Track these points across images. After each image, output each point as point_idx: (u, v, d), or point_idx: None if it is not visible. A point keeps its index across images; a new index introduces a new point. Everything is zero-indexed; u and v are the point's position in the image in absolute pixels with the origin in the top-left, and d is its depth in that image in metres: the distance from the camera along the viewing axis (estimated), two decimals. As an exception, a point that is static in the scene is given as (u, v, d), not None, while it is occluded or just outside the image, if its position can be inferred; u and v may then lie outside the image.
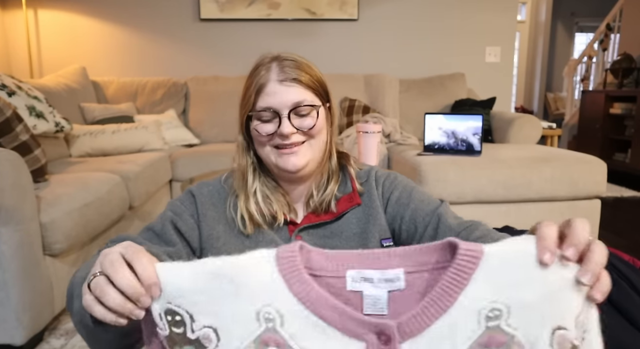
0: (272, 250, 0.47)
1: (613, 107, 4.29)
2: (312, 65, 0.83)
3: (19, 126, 1.68)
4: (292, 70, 0.79)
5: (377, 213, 0.84)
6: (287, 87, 0.78)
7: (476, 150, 2.28)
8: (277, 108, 0.78)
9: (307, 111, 0.79)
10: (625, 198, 3.53)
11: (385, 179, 0.88)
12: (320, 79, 0.83)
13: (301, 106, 0.78)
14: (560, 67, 6.77)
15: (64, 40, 3.26)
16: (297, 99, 0.78)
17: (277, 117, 0.78)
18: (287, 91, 0.78)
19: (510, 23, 3.53)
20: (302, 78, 0.79)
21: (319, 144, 0.82)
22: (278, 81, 0.78)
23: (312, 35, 3.42)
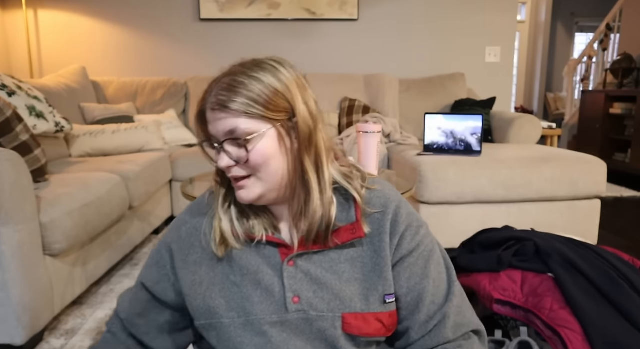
0: None
1: (613, 107, 4.29)
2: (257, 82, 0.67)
3: (19, 126, 1.69)
4: (224, 94, 0.67)
5: (385, 264, 0.73)
6: (218, 115, 0.67)
7: (475, 150, 2.28)
8: (215, 138, 0.69)
9: (244, 140, 0.67)
10: (625, 198, 3.53)
11: (406, 229, 0.73)
12: (270, 94, 0.67)
13: (233, 138, 0.67)
14: (560, 67, 6.77)
15: (63, 40, 3.27)
16: (227, 129, 0.67)
17: (218, 150, 0.70)
18: (219, 120, 0.68)
19: (510, 23, 3.53)
20: (232, 104, 0.66)
21: (269, 174, 0.69)
22: (211, 109, 0.68)
23: (312, 35, 3.42)
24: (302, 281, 0.72)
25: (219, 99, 0.67)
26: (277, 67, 0.69)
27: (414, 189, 2.03)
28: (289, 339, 0.72)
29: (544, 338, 1.10)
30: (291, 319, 0.72)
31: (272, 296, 0.72)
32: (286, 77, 0.68)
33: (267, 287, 0.72)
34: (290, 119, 0.69)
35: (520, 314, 1.15)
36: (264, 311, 0.72)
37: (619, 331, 1.02)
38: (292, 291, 0.72)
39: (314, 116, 0.70)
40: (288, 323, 0.72)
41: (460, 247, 1.48)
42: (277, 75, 0.68)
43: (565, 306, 1.08)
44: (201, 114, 0.71)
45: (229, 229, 0.74)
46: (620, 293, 1.07)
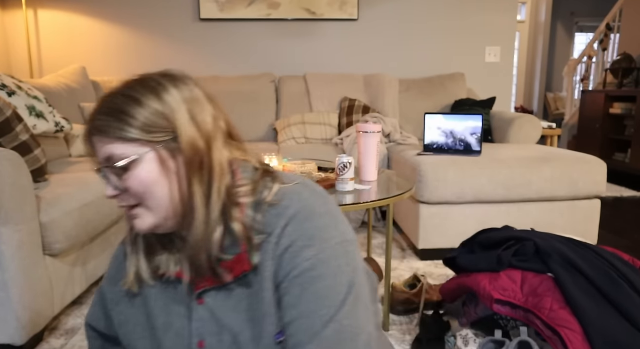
0: None
1: (613, 107, 4.29)
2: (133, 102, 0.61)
3: (19, 126, 1.69)
4: (100, 119, 0.61)
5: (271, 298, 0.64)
6: (96, 141, 0.62)
7: (474, 150, 2.28)
8: (99, 166, 0.64)
9: (121, 167, 0.61)
10: (625, 198, 3.53)
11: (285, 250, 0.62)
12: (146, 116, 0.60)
13: (110, 166, 0.62)
14: (560, 67, 6.77)
15: (63, 40, 3.27)
16: (105, 155, 0.62)
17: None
18: (98, 146, 0.62)
19: (510, 23, 3.53)
20: (106, 129, 0.60)
21: (156, 203, 0.63)
22: (87, 140, 0.63)
23: (312, 35, 3.42)
24: (208, 323, 0.68)
25: (94, 124, 0.61)
26: (164, 84, 0.63)
27: (414, 189, 2.02)
28: None
29: (544, 338, 1.10)
30: None
31: (182, 341, 0.69)
32: (172, 95, 0.62)
33: (177, 331, 0.69)
34: (175, 139, 0.61)
35: (520, 314, 1.15)
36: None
37: (619, 331, 1.02)
38: (198, 336, 0.68)
39: (206, 135, 0.63)
40: None
41: (460, 247, 1.48)
42: (160, 94, 0.62)
43: (565, 306, 1.08)
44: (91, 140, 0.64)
45: (136, 265, 0.70)
46: (620, 293, 1.07)
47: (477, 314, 1.26)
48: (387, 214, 1.52)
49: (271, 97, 3.22)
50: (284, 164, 1.69)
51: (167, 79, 0.65)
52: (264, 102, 3.19)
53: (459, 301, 1.40)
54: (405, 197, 1.49)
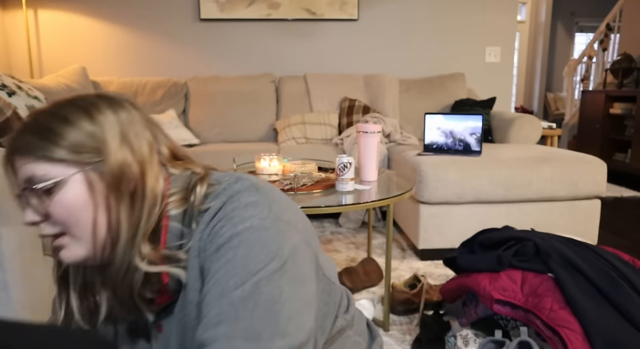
0: None
1: (613, 107, 4.29)
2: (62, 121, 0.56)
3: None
4: (24, 136, 0.56)
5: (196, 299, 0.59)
6: (17, 160, 0.56)
7: (474, 150, 2.28)
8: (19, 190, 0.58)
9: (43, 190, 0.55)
10: (625, 198, 3.53)
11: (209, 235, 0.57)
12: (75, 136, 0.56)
13: (29, 188, 0.56)
14: (560, 67, 6.78)
15: (63, 40, 3.27)
16: (25, 176, 0.56)
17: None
18: (18, 166, 0.56)
19: (510, 23, 3.53)
20: (29, 147, 0.55)
21: (83, 232, 0.57)
22: (11, 153, 0.57)
23: (312, 35, 3.42)
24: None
25: (16, 143, 0.56)
26: (97, 105, 0.58)
27: (414, 189, 2.03)
28: None
29: (544, 338, 1.10)
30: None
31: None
32: (105, 115, 0.57)
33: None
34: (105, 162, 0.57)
35: (520, 314, 1.15)
36: None
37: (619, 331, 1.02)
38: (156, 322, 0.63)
39: (140, 159, 0.58)
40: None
41: (460, 247, 1.48)
42: (92, 114, 0.57)
43: (565, 306, 1.08)
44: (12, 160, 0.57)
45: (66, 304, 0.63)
46: (620, 293, 1.07)
47: (477, 314, 1.26)
48: (387, 214, 1.52)
49: (271, 97, 3.22)
50: (284, 164, 1.69)
51: (102, 100, 0.60)
52: (264, 102, 3.19)
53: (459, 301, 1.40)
54: (405, 197, 1.49)
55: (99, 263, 0.60)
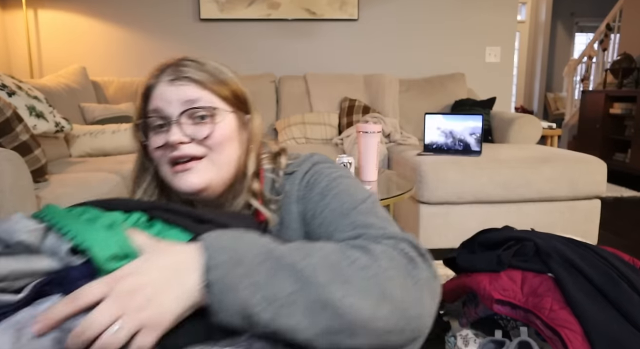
0: None
1: (613, 107, 4.29)
2: (225, 70, 0.69)
3: (19, 126, 1.69)
4: (189, 69, 0.65)
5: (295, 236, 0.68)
6: (177, 87, 0.64)
7: (473, 150, 2.28)
8: (165, 112, 0.64)
9: (205, 114, 0.64)
10: (625, 198, 3.53)
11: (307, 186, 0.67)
12: (234, 86, 0.68)
13: (194, 108, 0.63)
14: (560, 67, 6.77)
15: (64, 40, 3.26)
16: (189, 98, 0.64)
17: (169, 125, 0.64)
18: (178, 90, 0.64)
19: (510, 23, 3.53)
20: (198, 77, 0.65)
21: (223, 159, 0.66)
22: (169, 81, 0.65)
23: (312, 35, 3.42)
24: None
25: (181, 70, 0.65)
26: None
27: (414, 189, 2.02)
28: None
29: (544, 338, 1.10)
30: None
31: None
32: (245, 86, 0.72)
33: None
34: (247, 117, 0.70)
35: (520, 314, 1.15)
36: None
37: (619, 331, 1.02)
38: None
39: (261, 122, 0.73)
40: None
41: (460, 248, 1.48)
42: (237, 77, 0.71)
43: (565, 306, 1.08)
44: (147, 91, 0.67)
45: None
46: (620, 293, 1.07)
47: (477, 314, 1.26)
48: (387, 214, 1.52)
49: (271, 97, 3.22)
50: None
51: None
52: (264, 102, 3.18)
53: (459, 301, 1.40)
54: (405, 197, 1.49)
55: (210, 196, 0.67)
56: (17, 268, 0.45)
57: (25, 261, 0.46)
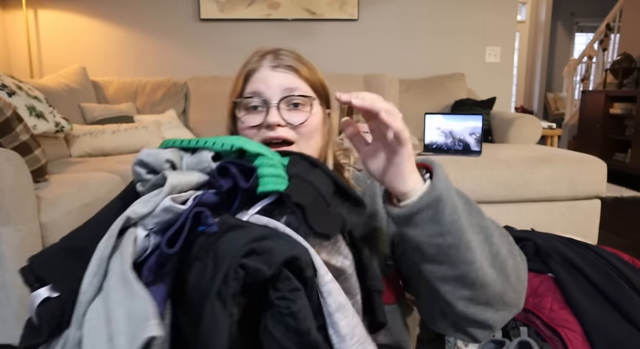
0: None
1: (613, 107, 4.29)
2: (315, 66, 0.76)
3: (19, 126, 1.69)
4: (289, 58, 0.72)
5: (382, 226, 0.73)
6: (280, 74, 0.70)
7: (473, 150, 2.28)
8: (265, 95, 0.70)
9: (301, 102, 0.70)
10: (625, 198, 3.53)
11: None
12: (322, 81, 0.75)
13: (294, 95, 0.70)
14: (560, 67, 6.77)
15: (64, 40, 3.26)
16: (289, 86, 0.70)
17: (266, 107, 0.70)
18: (280, 77, 0.70)
19: (510, 23, 3.53)
20: (299, 67, 0.71)
21: (311, 146, 0.72)
22: (271, 67, 0.71)
23: (312, 35, 3.42)
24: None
25: (283, 59, 0.72)
26: None
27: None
28: None
29: (544, 338, 1.10)
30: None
31: None
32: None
33: None
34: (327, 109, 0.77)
35: (520, 314, 1.15)
36: None
37: (618, 331, 1.02)
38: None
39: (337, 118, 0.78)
40: None
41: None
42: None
43: (565, 306, 1.08)
44: (248, 74, 0.73)
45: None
46: (620, 293, 1.07)
47: (477, 314, 1.26)
48: (387, 214, 1.52)
49: (271, 97, 3.22)
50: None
51: None
52: (264, 102, 3.18)
53: (459, 301, 1.40)
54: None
55: None
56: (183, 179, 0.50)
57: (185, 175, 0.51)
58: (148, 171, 0.52)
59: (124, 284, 0.44)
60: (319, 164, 0.58)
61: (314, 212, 0.50)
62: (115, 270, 0.46)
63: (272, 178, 0.50)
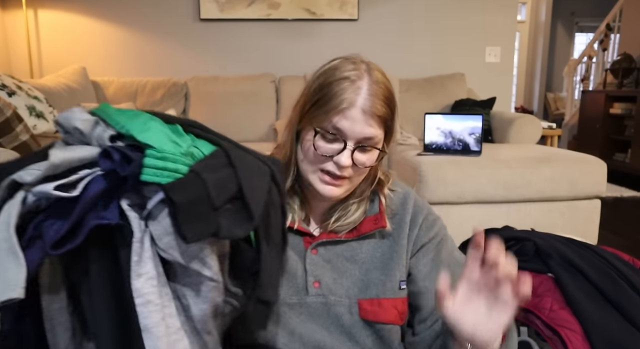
0: None
1: (613, 107, 4.29)
2: (393, 90, 0.77)
3: (19, 126, 1.69)
4: (379, 101, 0.72)
5: (403, 252, 0.80)
6: (367, 120, 0.71)
7: (472, 150, 2.28)
8: (348, 135, 0.72)
9: (371, 149, 0.74)
10: (625, 198, 3.53)
11: (423, 221, 0.83)
12: (394, 108, 0.76)
13: (368, 146, 0.73)
14: (560, 67, 6.77)
15: (64, 40, 3.26)
16: (369, 136, 0.72)
17: (342, 144, 0.72)
18: (365, 124, 0.71)
19: (510, 23, 3.53)
20: (382, 114, 0.72)
21: (360, 179, 0.78)
22: (362, 110, 0.71)
23: (312, 35, 3.42)
24: (323, 268, 0.77)
25: (375, 106, 0.71)
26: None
27: (414, 189, 2.02)
28: (306, 321, 0.75)
29: (544, 338, 1.10)
30: (310, 302, 0.76)
31: (295, 279, 0.77)
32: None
33: (290, 270, 0.77)
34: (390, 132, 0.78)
35: (520, 314, 1.15)
36: (284, 293, 0.76)
37: (619, 331, 1.02)
38: (313, 276, 0.77)
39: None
40: (307, 306, 0.76)
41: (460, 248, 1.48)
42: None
43: (565, 306, 1.08)
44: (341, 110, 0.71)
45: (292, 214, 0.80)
46: (620, 293, 1.07)
47: (477, 314, 1.26)
48: (387, 214, 1.52)
49: (271, 97, 3.22)
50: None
51: None
52: (264, 102, 3.18)
53: (459, 301, 1.40)
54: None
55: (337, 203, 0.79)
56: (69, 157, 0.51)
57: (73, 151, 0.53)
58: (63, 131, 0.55)
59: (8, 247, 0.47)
60: (236, 164, 0.56)
61: (188, 212, 0.50)
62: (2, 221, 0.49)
63: (155, 170, 0.50)
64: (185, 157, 0.53)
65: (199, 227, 0.50)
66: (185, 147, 0.55)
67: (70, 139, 0.55)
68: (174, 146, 0.54)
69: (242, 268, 0.60)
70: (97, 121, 0.55)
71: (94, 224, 0.50)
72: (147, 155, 0.51)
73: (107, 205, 0.51)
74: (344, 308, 0.76)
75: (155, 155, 0.51)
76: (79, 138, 0.54)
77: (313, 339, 0.75)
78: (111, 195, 0.52)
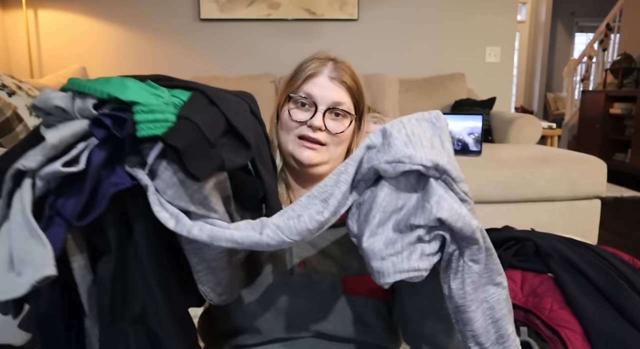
0: None
1: (613, 107, 4.29)
2: (357, 76, 0.85)
3: (19, 126, 1.69)
4: (345, 74, 0.82)
5: None
6: (334, 86, 0.81)
7: (472, 150, 2.28)
8: (317, 100, 0.81)
9: (342, 115, 0.82)
10: (625, 198, 3.53)
11: None
12: (365, 103, 0.86)
13: (338, 109, 0.81)
14: (560, 67, 6.77)
15: (64, 40, 3.26)
16: (338, 100, 0.81)
17: (314, 109, 0.80)
18: (333, 89, 0.81)
19: (510, 23, 3.53)
20: (350, 84, 0.82)
21: (338, 152, 0.83)
22: (329, 77, 0.82)
23: (312, 35, 3.42)
24: (308, 251, 0.79)
25: (341, 73, 0.82)
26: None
27: (414, 189, 2.02)
28: (290, 299, 0.77)
29: (544, 338, 1.10)
30: (294, 281, 0.77)
31: (281, 261, 0.78)
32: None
33: (276, 252, 0.79)
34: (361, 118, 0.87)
35: (520, 314, 1.15)
36: (269, 274, 0.78)
37: (619, 331, 1.02)
38: (298, 258, 0.79)
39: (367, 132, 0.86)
40: (292, 284, 0.77)
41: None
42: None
43: (565, 306, 1.08)
44: (309, 76, 0.82)
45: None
46: (620, 293, 1.07)
47: (477, 314, 1.26)
48: (387, 214, 1.52)
49: (271, 97, 3.22)
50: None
51: None
52: (264, 102, 3.16)
53: (459, 301, 1.40)
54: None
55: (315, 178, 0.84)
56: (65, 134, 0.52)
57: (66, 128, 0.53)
58: (44, 113, 0.55)
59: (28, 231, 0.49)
60: (217, 102, 0.60)
61: (191, 154, 0.52)
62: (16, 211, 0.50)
63: (148, 123, 0.52)
64: (168, 106, 0.56)
65: (204, 164, 0.53)
66: (166, 97, 0.58)
67: (51, 120, 0.55)
68: (156, 98, 0.56)
69: (249, 198, 0.64)
70: (72, 95, 0.55)
71: (113, 191, 0.51)
72: (136, 111, 0.52)
73: (114, 171, 0.53)
74: (328, 284, 0.77)
75: (143, 109, 0.52)
76: (62, 116, 0.55)
77: (298, 316, 0.76)
78: (114, 161, 0.54)
